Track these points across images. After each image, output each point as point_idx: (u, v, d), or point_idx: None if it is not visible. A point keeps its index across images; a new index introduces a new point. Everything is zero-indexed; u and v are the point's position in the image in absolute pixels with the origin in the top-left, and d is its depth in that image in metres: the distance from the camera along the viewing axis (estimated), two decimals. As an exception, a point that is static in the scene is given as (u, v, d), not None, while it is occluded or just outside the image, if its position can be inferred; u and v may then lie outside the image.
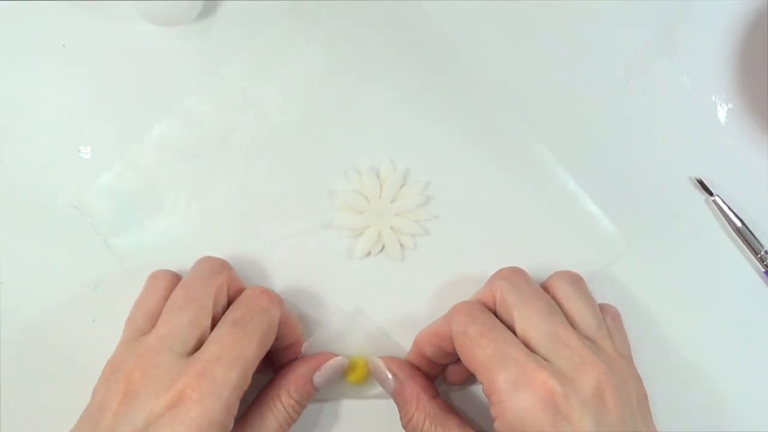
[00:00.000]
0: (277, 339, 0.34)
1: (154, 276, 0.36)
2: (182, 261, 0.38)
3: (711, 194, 0.38)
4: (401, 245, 0.39)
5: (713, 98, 0.39)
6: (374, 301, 0.39)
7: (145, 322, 0.34)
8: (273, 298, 0.34)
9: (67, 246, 0.39)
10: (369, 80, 0.39)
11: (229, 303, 0.34)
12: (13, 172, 0.39)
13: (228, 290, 0.35)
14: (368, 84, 0.39)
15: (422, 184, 0.39)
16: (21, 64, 0.39)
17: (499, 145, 0.39)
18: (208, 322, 0.33)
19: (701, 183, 0.38)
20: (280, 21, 0.39)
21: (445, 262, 0.39)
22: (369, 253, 0.38)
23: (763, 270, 0.38)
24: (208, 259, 0.36)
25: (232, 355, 0.31)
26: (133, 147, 0.39)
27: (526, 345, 0.32)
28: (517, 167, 0.39)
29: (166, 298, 0.34)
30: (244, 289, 0.35)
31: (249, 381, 0.32)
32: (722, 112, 0.39)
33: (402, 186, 0.39)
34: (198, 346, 0.32)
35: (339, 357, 0.36)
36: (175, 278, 0.36)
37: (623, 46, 0.39)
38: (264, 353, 0.33)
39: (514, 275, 0.34)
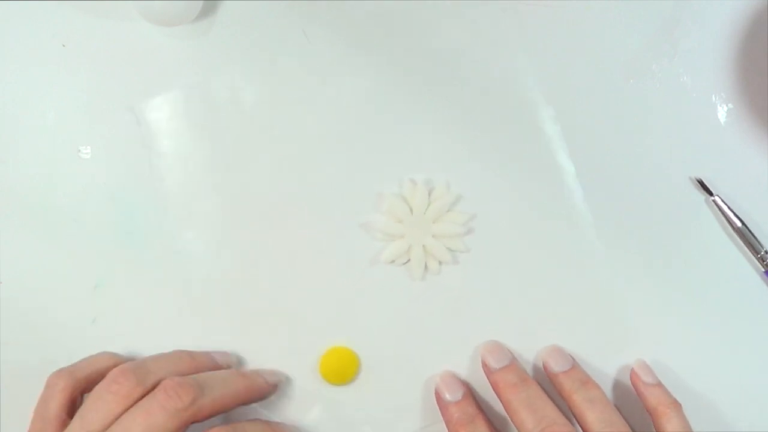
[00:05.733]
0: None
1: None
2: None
3: (711, 194, 0.38)
4: (426, 266, 0.38)
5: (713, 98, 0.39)
6: (379, 309, 0.39)
7: None
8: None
9: (67, 245, 0.39)
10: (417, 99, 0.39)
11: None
12: (13, 172, 0.39)
13: None
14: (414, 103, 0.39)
15: (468, 216, 0.38)
16: (21, 64, 0.39)
17: (533, 176, 0.39)
18: None
19: (701, 183, 0.38)
20: (279, 21, 0.39)
21: (461, 297, 0.39)
22: (393, 261, 0.38)
23: (763, 270, 0.38)
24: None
25: None
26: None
27: None
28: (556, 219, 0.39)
29: None
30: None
31: None
32: (722, 112, 0.39)
33: (449, 210, 0.38)
34: None
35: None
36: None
37: (623, 46, 0.39)
38: None
39: None
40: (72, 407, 0.35)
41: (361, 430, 0.39)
